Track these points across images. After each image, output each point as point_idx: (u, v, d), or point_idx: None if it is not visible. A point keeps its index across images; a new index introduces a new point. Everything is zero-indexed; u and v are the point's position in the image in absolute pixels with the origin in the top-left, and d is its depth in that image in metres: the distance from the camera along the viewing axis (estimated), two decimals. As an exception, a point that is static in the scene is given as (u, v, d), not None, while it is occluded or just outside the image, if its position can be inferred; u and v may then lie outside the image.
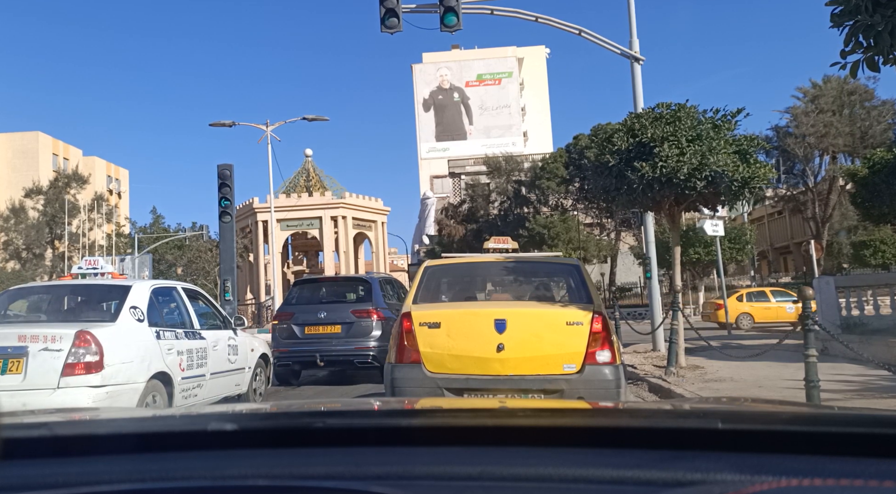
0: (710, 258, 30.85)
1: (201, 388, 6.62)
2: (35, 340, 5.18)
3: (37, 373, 5.10)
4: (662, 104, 8.77)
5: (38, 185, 45.32)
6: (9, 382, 5.03)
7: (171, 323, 6.47)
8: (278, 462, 1.08)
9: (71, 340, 5.18)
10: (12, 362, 5.11)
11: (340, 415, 1.50)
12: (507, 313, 4.94)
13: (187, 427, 1.31)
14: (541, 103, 79.98)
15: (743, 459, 0.99)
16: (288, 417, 1.48)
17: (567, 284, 5.68)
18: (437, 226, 46.48)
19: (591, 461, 1.02)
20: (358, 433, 1.20)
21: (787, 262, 57.38)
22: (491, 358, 4.73)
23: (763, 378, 8.24)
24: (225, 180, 12.64)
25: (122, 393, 5.42)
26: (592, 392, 4.61)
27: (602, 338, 4.76)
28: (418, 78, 76.08)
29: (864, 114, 35.14)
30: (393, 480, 0.98)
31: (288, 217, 27.45)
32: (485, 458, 1.04)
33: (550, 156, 40.99)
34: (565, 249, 35.31)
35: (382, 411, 1.59)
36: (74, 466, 1.09)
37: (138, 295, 6.13)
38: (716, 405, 1.83)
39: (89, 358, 5.20)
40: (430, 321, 4.94)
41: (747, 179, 8.22)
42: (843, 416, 1.39)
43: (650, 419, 1.33)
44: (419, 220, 67.88)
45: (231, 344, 7.39)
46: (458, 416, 1.41)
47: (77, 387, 5.14)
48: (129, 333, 5.76)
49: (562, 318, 4.92)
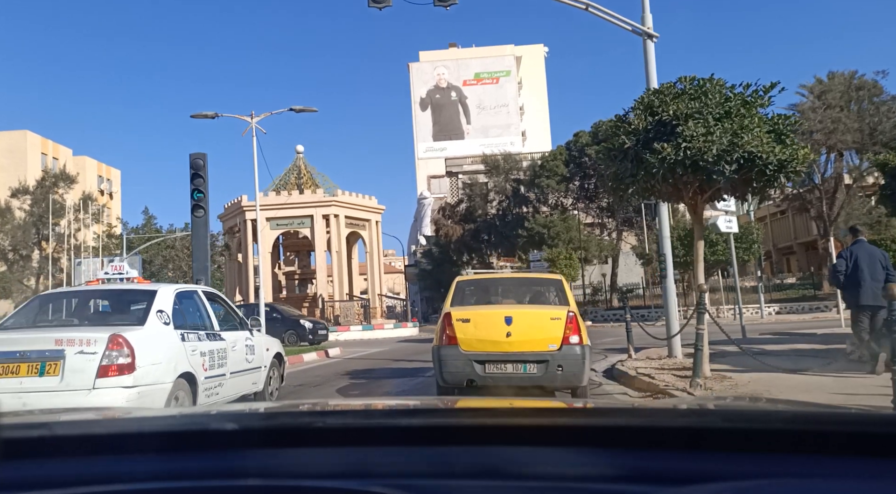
0: (716, 258, 29.88)
1: (222, 387, 6.92)
2: (71, 344, 5.40)
3: (73, 375, 5.33)
4: (685, 78, 7.71)
5: (24, 185, 44.13)
6: (47, 384, 5.30)
7: (193, 326, 6.72)
8: (278, 461, 1.08)
9: (105, 343, 5.41)
10: (50, 365, 5.36)
11: (340, 415, 1.49)
12: (513, 312, 7.27)
13: (187, 427, 1.30)
14: (539, 103, 79.00)
15: (743, 459, 1.00)
16: (288, 416, 1.49)
17: (553, 292, 8.12)
18: (434, 225, 45.42)
19: (591, 460, 1.02)
20: (358, 433, 1.21)
21: (791, 263, 56.41)
22: (502, 341, 6.93)
23: (801, 388, 7.16)
24: (198, 171, 11.47)
25: (152, 393, 5.67)
26: (567, 361, 6.83)
27: (574, 328, 6.98)
28: (415, 77, 75.16)
29: (872, 110, 34.12)
30: (393, 480, 0.98)
31: (278, 215, 26.31)
32: (485, 458, 1.05)
33: (550, 154, 39.93)
34: (565, 249, 34.24)
35: (382, 411, 1.59)
36: (75, 466, 1.09)
37: (163, 299, 6.40)
38: (716, 404, 1.84)
39: (122, 361, 5.45)
40: (462, 317, 7.16)
41: (784, 162, 7.15)
42: (843, 416, 1.33)
43: (650, 418, 1.31)
44: (415, 221, 66.87)
45: (248, 345, 7.70)
46: (458, 416, 1.42)
47: (111, 388, 5.38)
48: (156, 336, 6.01)
49: (548, 315, 7.23)
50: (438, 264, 44.04)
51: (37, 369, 5.35)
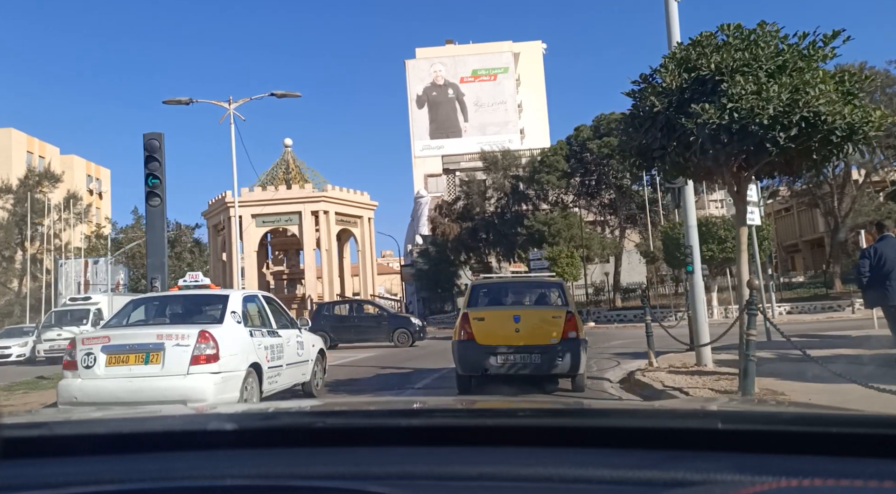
0: (726, 255, 28.51)
1: (280, 376, 7.95)
2: (169, 338, 6.49)
3: (171, 363, 6.39)
4: (727, 26, 6.30)
5: (7, 184, 42.63)
6: (151, 370, 6.39)
7: (257, 324, 7.81)
8: (279, 461, 1.08)
9: (195, 337, 6.50)
10: (153, 355, 6.44)
11: (340, 415, 1.49)
12: (520, 311, 8.58)
13: (187, 426, 1.31)
14: (538, 101, 77.59)
15: (743, 459, 0.99)
16: (288, 416, 1.48)
17: (555, 294, 9.22)
18: (431, 224, 43.98)
19: (592, 461, 1.03)
20: (358, 433, 1.21)
21: (795, 261, 55.01)
22: (511, 335, 8.09)
23: (872, 403, 5.72)
24: (153, 153, 9.97)
25: (231, 379, 6.67)
26: (566, 352, 7.96)
27: (572, 325, 8.11)
28: (411, 74, 73.77)
29: (886, 101, 32.75)
30: (393, 480, 0.98)
31: (264, 212, 24.86)
32: (485, 458, 1.05)
33: (550, 150, 38.50)
34: (567, 247, 32.80)
35: (382, 411, 1.58)
36: (74, 466, 1.09)
37: (235, 301, 7.48)
38: (716, 405, 1.90)
39: (209, 352, 6.49)
40: (478, 316, 8.34)
41: (854, 126, 5.76)
42: (843, 416, 1.34)
43: (650, 419, 1.31)
44: (412, 220, 65.48)
45: (298, 341, 8.72)
46: (458, 416, 1.42)
47: (201, 374, 6.39)
48: (232, 332, 7.04)
49: (550, 314, 8.45)
50: (435, 264, 42.62)
51: (143, 358, 6.45)
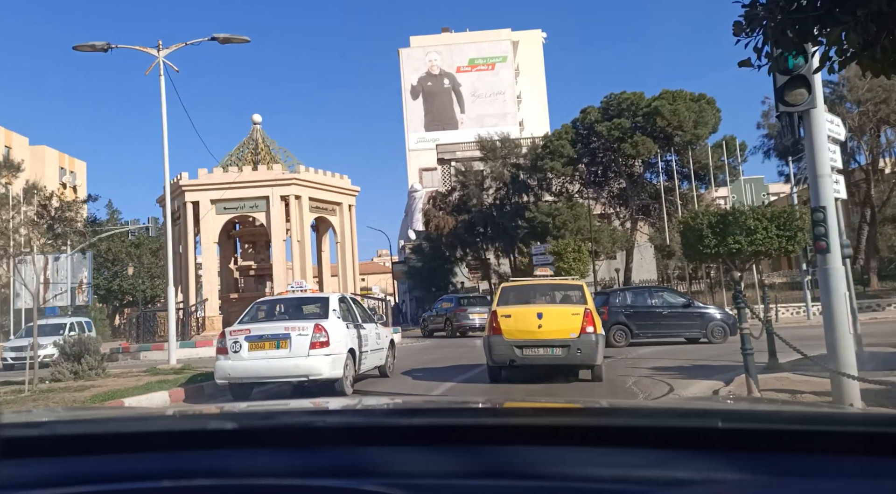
0: (754, 248, 25.02)
1: (366, 360, 10.46)
2: (293, 329, 9.25)
3: (296, 348, 9.11)
4: None
5: (-40, 174, 39.18)
6: (281, 353, 9.11)
7: (348, 319, 10.35)
8: (279, 461, 1.07)
9: (311, 329, 9.21)
10: (282, 342, 9.16)
11: (341, 414, 1.50)
12: (544, 309, 10.23)
13: (188, 426, 1.30)
14: (537, 92, 74.28)
15: (743, 459, 0.99)
16: (288, 416, 1.49)
17: (575, 295, 10.84)
18: (424, 217, 40.55)
19: (592, 460, 1.02)
20: (358, 432, 1.20)
21: (813, 258, 51.80)
22: (535, 331, 9.76)
23: None
24: None
25: (338, 359, 9.28)
26: (584, 345, 9.55)
27: (589, 321, 9.71)
28: (406, 63, 70.44)
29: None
30: (393, 480, 0.98)
31: (225, 197, 21.44)
32: (485, 458, 1.05)
33: (555, 134, 35.06)
34: (574, 240, 29.36)
35: (382, 411, 1.60)
36: (74, 466, 1.09)
37: (334, 301, 10.26)
38: (716, 404, 1.90)
39: (322, 339, 9.15)
40: (506, 313, 10.02)
41: None
42: (843, 416, 1.32)
43: (650, 419, 1.32)
44: (406, 215, 62.09)
45: (376, 332, 11.28)
46: (458, 416, 1.41)
47: (317, 356, 9.08)
48: (335, 324, 9.64)
49: (570, 311, 10.06)
50: (429, 261, 39.20)
51: (275, 345, 9.14)
